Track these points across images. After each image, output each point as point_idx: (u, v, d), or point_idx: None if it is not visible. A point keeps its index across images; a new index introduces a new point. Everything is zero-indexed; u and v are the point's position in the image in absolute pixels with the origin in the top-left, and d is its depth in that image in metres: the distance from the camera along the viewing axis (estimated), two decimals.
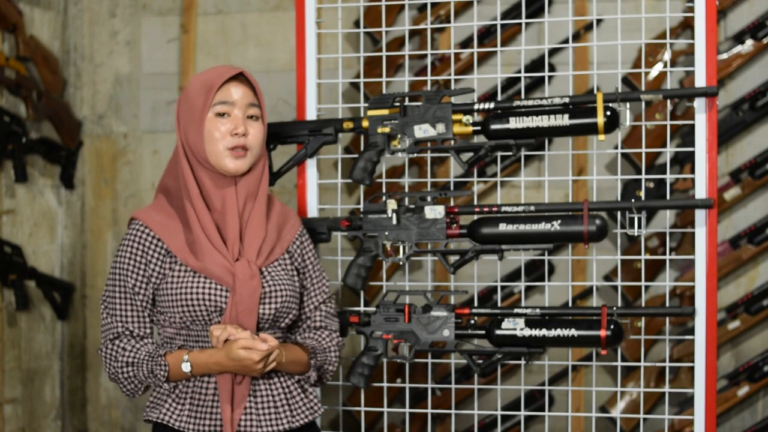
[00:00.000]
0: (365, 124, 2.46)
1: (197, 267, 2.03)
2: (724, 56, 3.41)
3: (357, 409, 2.73)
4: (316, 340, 2.20)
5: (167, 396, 2.08)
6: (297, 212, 2.56)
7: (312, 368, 2.17)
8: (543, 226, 2.33)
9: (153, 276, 2.06)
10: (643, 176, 2.48)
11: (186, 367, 2.02)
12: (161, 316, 2.08)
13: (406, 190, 2.66)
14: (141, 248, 2.06)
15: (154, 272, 2.06)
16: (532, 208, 2.36)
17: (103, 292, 2.10)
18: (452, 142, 2.41)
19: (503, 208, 2.37)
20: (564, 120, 2.31)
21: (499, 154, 2.47)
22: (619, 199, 2.78)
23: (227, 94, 2.07)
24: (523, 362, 2.42)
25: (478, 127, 2.39)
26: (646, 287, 3.46)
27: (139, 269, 2.06)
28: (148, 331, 2.08)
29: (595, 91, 2.37)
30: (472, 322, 2.42)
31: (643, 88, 2.58)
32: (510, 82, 3.57)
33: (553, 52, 3.52)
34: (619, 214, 3.09)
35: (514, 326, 2.35)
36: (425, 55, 3.45)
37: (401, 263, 2.65)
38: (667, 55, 3.25)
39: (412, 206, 2.43)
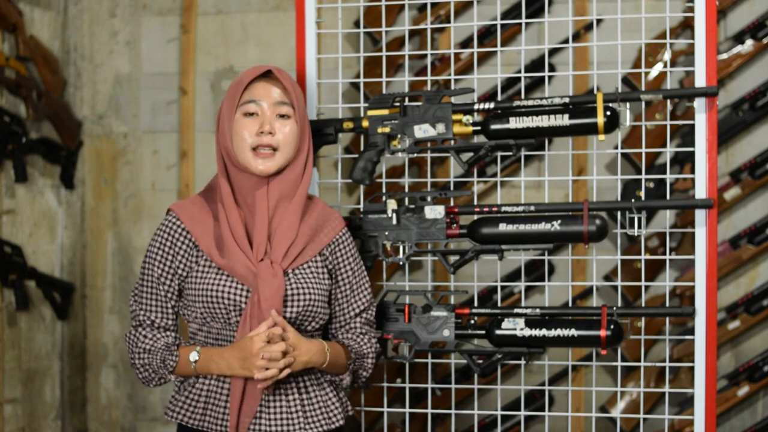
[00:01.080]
0: (365, 124, 2.46)
1: (221, 264, 2.03)
2: (724, 56, 3.41)
3: (357, 409, 2.73)
4: (358, 344, 2.18)
5: (182, 395, 2.09)
6: None
7: (348, 372, 2.15)
8: (543, 226, 2.33)
9: (180, 268, 2.07)
10: (643, 176, 2.48)
11: (193, 356, 2.03)
12: (186, 310, 2.09)
13: (406, 190, 2.65)
14: (170, 239, 2.07)
15: (181, 264, 2.07)
16: (532, 208, 2.36)
17: (136, 281, 2.13)
18: (452, 142, 2.41)
19: (503, 208, 2.37)
20: (564, 120, 2.31)
21: (499, 154, 2.47)
22: (619, 199, 2.78)
23: (254, 93, 2.05)
24: (523, 362, 2.42)
25: (478, 127, 2.39)
26: (646, 287, 3.46)
27: (166, 260, 2.07)
28: (170, 322, 2.09)
29: (595, 91, 2.37)
30: (472, 322, 2.42)
31: (643, 88, 2.57)
32: (510, 82, 3.57)
33: (553, 52, 3.52)
34: (619, 214, 3.09)
35: (514, 326, 2.35)
36: (425, 55, 3.45)
37: (401, 263, 2.65)
38: (667, 55, 3.24)
39: (412, 206, 2.42)
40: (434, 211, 2.41)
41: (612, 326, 2.28)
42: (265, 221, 2.05)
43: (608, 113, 2.28)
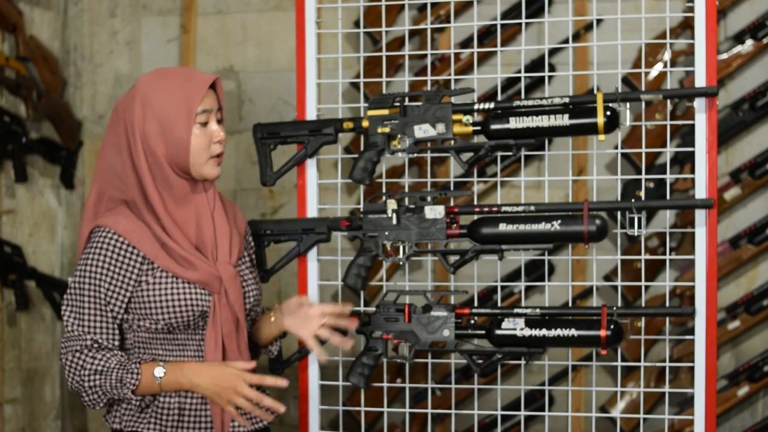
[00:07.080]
0: (365, 124, 2.46)
1: (185, 275, 1.99)
2: (724, 56, 3.41)
3: (357, 409, 2.73)
4: None
5: (147, 407, 2.02)
6: (297, 212, 2.57)
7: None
8: (543, 226, 2.33)
9: (130, 285, 1.99)
10: (643, 176, 2.48)
11: (159, 371, 1.96)
12: (139, 322, 2.01)
13: (406, 190, 2.65)
14: (115, 256, 1.98)
15: (130, 281, 1.99)
16: (532, 208, 2.36)
17: (67, 300, 2.00)
18: (452, 142, 2.41)
19: (503, 208, 2.37)
20: (564, 120, 2.31)
21: (499, 154, 2.47)
22: (619, 199, 2.78)
23: (205, 103, 2.03)
24: (523, 362, 2.42)
25: (478, 127, 2.39)
26: (646, 287, 3.46)
27: (113, 279, 1.98)
28: (116, 342, 2.00)
29: (595, 91, 2.37)
30: (472, 322, 2.42)
31: (643, 88, 2.57)
32: (510, 82, 3.57)
33: (553, 52, 3.52)
34: (619, 214, 3.09)
35: (514, 326, 2.35)
36: (425, 55, 3.45)
37: (401, 263, 2.65)
38: (667, 55, 3.25)
39: (412, 206, 2.42)
40: (434, 211, 2.41)
41: (612, 326, 2.28)
42: (211, 224, 2.05)
43: (608, 113, 2.28)
